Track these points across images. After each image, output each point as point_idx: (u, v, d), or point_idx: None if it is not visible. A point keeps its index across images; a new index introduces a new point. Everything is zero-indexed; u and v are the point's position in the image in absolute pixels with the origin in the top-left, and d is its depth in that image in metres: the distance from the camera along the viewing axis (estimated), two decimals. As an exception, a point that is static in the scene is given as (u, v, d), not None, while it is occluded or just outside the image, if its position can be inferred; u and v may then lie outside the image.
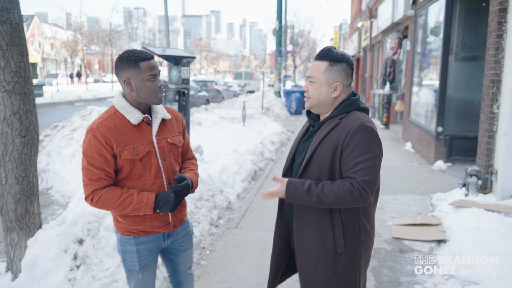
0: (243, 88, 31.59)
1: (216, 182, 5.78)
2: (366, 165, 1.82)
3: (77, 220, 3.58)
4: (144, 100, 2.05)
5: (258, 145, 8.49)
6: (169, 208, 2.07)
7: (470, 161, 7.65)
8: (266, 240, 4.45)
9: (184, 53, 5.06)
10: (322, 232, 1.93)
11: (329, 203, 1.84)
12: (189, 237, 2.38)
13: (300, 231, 1.98)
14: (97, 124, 2.00)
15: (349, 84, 2.00)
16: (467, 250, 3.85)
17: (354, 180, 1.82)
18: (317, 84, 1.95)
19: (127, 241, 2.15)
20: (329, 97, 1.96)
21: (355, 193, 1.80)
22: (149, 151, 2.06)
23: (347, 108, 1.96)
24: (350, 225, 1.93)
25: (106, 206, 2.01)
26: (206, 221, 4.64)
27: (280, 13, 20.59)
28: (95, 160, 1.98)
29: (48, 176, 6.93)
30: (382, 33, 15.79)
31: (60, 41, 43.61)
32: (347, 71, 1.95)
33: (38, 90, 22.23)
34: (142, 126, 2.08)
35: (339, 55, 1.93)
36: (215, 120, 12.92)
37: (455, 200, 5.20)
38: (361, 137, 1.84)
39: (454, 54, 7.74)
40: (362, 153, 1.83)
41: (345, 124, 1.90)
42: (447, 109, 7.82)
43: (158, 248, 2.22)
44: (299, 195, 1.86)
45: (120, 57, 2.01)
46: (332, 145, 1.89)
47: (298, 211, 1.98)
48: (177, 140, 2.21)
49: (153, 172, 2.08)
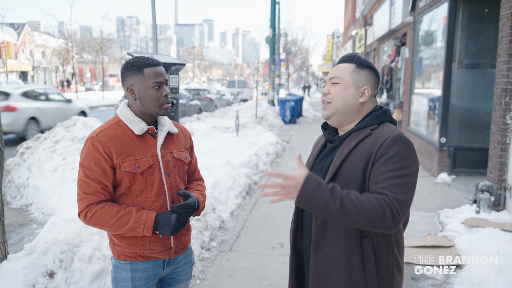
0: (236, 96, 31.21)
1: (208, 199, 5.34)
2: (400, 182, 1.47)
3: (48, 249, 3.14)
4: (148, 110, 1.90)
5: (253, 156, 8.08)
6: (169, 231, 1.84)
7: (476, 173, 7.30)
8: (263, 266, 4.01)
9: (173, 60, 4.65)
10: (350, 268, 1.54)
11: (352, 213, 1.42)
12: (190, 267, 2.13)
13: (319, 267, 1.60)
14: (98, 132, 1.85)
15: (375, 95, 1.73)
16: (489, 279, 3.45)
17: (386, 196, 1.45)
18: (343, 84, 1.66)
19: (122, 266, 1.93)
20: (356, 102, 1.66)
21: (387, 211, 1.42)
22: (152, 165, 1.89)
23: (379, 118, 1.65)
24: (384, 260, 1.57)
25: (100, 224, 1.81)
26: (196, 245, 4.20)
27: (274, 21, 20.30)
28: (92, 171, 1.81)
29: (28, 192, 6.46)
30: (378, 41, 15.51)
31: (51, 49, 43.05)
32: (375, 78, 1.71)
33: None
34: (146, 138, 1.92)
35: (367, 61, 1.70)
36: (207, 130, 12.48)
37: (467, 219, 4.80)
38: (398, 149, 1.52)
39: (458, 62, 7.41)
40: (397, 167, 1.49)
41: (379, 134, 1.58)
42: (450, 118, 7.47)
43: (155, 277, 1.98)
44: (320, 192, 1.42)
45: (125, 64, 1.89)
46: (363, 159, 1.55)
47: (317, 242, 1.59)
48: (184, 156, 2.03)
49: (155, 189, 1.89)
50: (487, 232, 4.33)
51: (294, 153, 10.16)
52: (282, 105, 17.01)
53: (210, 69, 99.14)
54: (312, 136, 13.23)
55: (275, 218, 5.37)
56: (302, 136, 13.31)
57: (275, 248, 4.44)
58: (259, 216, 5.47)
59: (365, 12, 18.41)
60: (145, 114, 1.92)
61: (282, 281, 3.71)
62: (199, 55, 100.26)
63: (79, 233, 3.31)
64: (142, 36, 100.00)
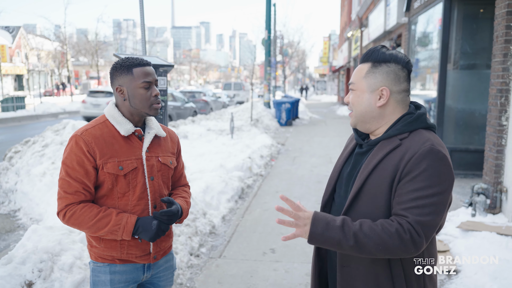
0: (232, 99, 31.09)
1: (198, 203, 5.22)
2: (426, 203, 1.34)
3: (27, 258, 3.01)
4: (138, 111, 1.86)
5: (246, 159, 7.96)
6: (148, 237, 1.80)
7: (472, 175, 7.20)
8: (253, 272, 3.90)
9: (160, 61, 4.54)
10: (378, 285, 1.46)
11: (369, 248, 1.35)
12: (171, 272, 2.08)
13: (346, 284, 1.51)
14: (82, 131, 1.81)
15: (404, 91, 1.52)
16: (485, 285, 3.34)
17: (405, 220, 1.35)
18: (358, 91, 1.53)
19: (100, 269, 1.88)
20: (373, 107, 1.50)
21: (406, 238, 1.32)
22: (136, 168, 1.85)
23: (410, 125, 1.48)
24: (414, 276, 1.46)
25: (79, 225, 1.77)
26: (185, 251, 4.08)
27: (269, 23, 20.22)
28: (74, 170, 1.77)
29: (16, 197, 6.33)
30: (373, 42, 15.46)
31: (46, 52, 42.85)
32: (396, 72, 1.49)
33: (19, 102, 21.51)
34: (132, 140, 1.88)
35: (386, 54, 1.49)
36: (202, 133, 12.37)
37: (463, 222, 4.70)
38: (428, 164, 1.36)
39: (453, 62, 7.33)
40: (425, 186, 1.35)
41: (408, 146, 1.43)
42: (446, 120, 7.38)
43: (135, 281, 1.93)
44: (330, 232, 1.35)
45: (114, 65, 1.86)
46: (390, 173, 1.42)
47: (343, 258, 1.51)
48: (169, 161, 1.98)
49: (137, 192, 1.85)
50: (483, 236, 4.23)
51: (289, 155, 10.06)
52: (278, 107, 16.91)
53: (207, 71, 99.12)
54: (308, 138, 13.14)
55: (268, 222, 5.26)
56: (297, 138, 13.21)
57: (266, 254, 4.32)
58: (251, 220, 5.35)
59: (360, 14, 18.37)
60: (133, 115, 1.88)
61: (272, 289, 3.60)
62: (196, 58, 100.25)
63: (60, 241, 3.19)
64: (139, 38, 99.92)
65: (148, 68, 1.85)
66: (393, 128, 1.49)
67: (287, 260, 4.15)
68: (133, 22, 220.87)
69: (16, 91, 42.04)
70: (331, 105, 31.71)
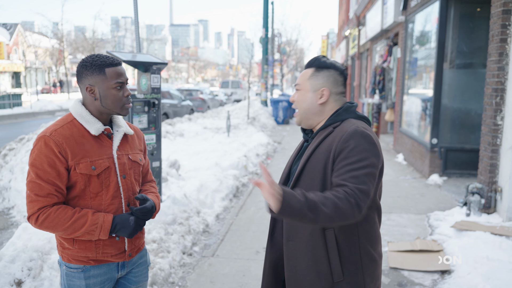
0: (229, 97, 31.05)
1: (192, 202, 5.20)
2: (359, 173, 1.57)
3: (17, 256, 2.99)
4: (109, 111, 1.84)
5: (242, 158, 7.93)
6: (127, 233, 1.79)
7: (467, 174, 7.20)
8: (245, 271, 3.88)
9: (154, 59, 4.51)
10: (315, 257, 1.67)
11: (326, 214, 1.48)
12: (145, 267, 2.06)
13: (291, 256, 1.73)
14: (51, 131, 1.75)
15: (341, 93, 1.80)
16: (477, 285, 3.33)
17: (347, 188, 1.54)
18: (302, 90, 1.80)
19: (74, 274, 1.83)
20: (315, 104, 1.77)
21: (352, 201, 1.50)
22: (108, 167, 1.82)
23: (340, 116, 1.76)
24: (348, 249, 1.66)
25: (53, 228, 1.72)
26: (177, 250, 4.06)
27: (267, 21, 20.17)
28: (45, 172, 1.71)
29: (10, 195, 6.29)
30: (371, 41, 15.43)
31: (44, 49, 42.65)
32: (335, 77, 1.78)
33: (16, 100, 21.42)
34: (102, 139, 1.85)
35: (327, 62, 1.79)
36: (198, 131, 12.34)
37: (457, 222, 4.69)
38: (355, 142, 1.61)
39: (449, 62, 7.31)
40: (355, 160, 1.59)
41: (338, 131, 1.69)
42: (442, 119, 7.36)
43: (111, 280, 1.91)
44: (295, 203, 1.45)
45: (83, 62, 1.80)
46: (324, 155, 1.67)
47: (288, 233, 1.73)
48: (139, 158, 1.98)
49: (111, 191, 1.83)
50: (477, 236, 4.22)
51: (285, 154, 10.03)
52: (275, 106, 16.89)
53: (205, 69, 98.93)
54: (304, 137, 13.11)
55: (262, 221, 5.24)
56: (294, 137, 13.18)
57: (260, 252, 4.31)
58: (246, 219, 5.33)
59: (358, 12, 18.34)
60: (103, 114, 1.85)
61: (264, 288, 3.57)
62: (194, 56, 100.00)
63: (50, 240, 3.16)
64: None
65: (120, 67, 1.83)
66: (328, 119, 1.76)
67: (280, 259, 4.13)
68: (131, 20, 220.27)
69: (13, 88, 41.82)
70: (328, 104, 31.65)
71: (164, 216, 4.46)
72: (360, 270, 1.66)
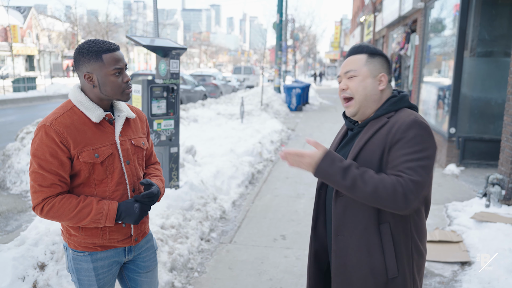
0: (242, 83, 30.92)
1: (209, 188, 5.21)
2: (416, 164, 1.50)
3: (40, 240, 3.02)
4: (108, 97, 1.79)
5: (257, 144, 7.91)
6: (132, 220, 1.79)
7: (485, 165, 7.10)
8: (264, 259, 3.88)
9: (173, 44, 4.47)
10: (369, 252, 1.59)
11: (363, 193, 1.49)
12: (153, 252, 2.06)
13: (340, 252, 1.65)
14: (51, 120, 1.71)
15: (390, 80, 1.72)
16: (499, 278, 3.29)
17: (401, 178, 1.48)
18: (360, 77, 1.67)
19: (81, 258, 1.83)
20: (376, 91, 1.67)
21: (399, 190, 1.45)
22: (112, 153, 1.80)
23: (396, 105, 1.66)
24: (403, 244, 1.60)
25: (59, 217, 1.71)
26: (196, 236, 4.07)
27: (281, 6, 19.94)
28: (47, 162, 1.68)
29: (27, 178, 6.36)
30: (387, 28, 15.19)
31: (57, 33, 42.81)
32: (387, 64, 1.72)
33: (31, 83, 21.58)
34: (104, 125, 1.81)
35: (376, 49, 1.72)
36: (212, 117, 12.33)
37: (476, 213, 4.63)
38: (414, 133, 1.53)
39: (470, 50, 7.15)
40: (413, 150, 1.51)
41: (395, 121, 1.59)
42: (460, 108, 7.24)
43: (118, 263, 1.93)
44: (333, 170, 1.52)
45: (79, 49, 1.74)
46: (380, 147, 1.58)
47: (337, 228, 1.65)
48: (142, 143, 1.95)
49: (115, 178, 1.81)
50: (498, 227, 4.17)
51: (299, 141, 9.99)
52: (288, 92, 16.78)
53: (216, 55, 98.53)
54: (318, 124, 13.04)
55: (278, 208, 5.23)
56: (308, 124, 13.12)
57: (277, 240, 4.31)
58: (262, 206, 5.33)
59: (374, -2, 18.02)
60: (103, 100, 1.81)
61: (283, 276, 3.58)
62: (205, 41, 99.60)
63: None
64: (149, 20, 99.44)
65: (118, 53, 1.77)
66: (381, 108, 1.66)
67: (297, 247, 4.13)
68: (144, 4, 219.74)
69: (27, 71, 42.10)
70: (341, 91, 31.40)
71: (182, 202, 4.47)
72: (411, 265, 1.62)
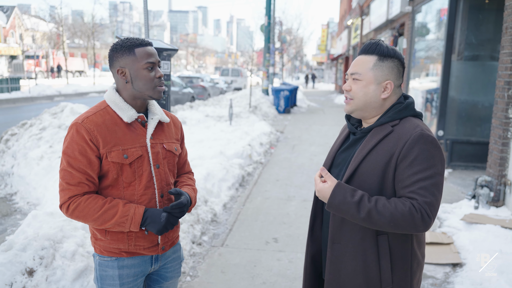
0: (229, 85, 30.85)
1: (200, 190, 5.15)
2: (427, 184, 1.47)
3: (28, 245, 2.94)
4: (141, 94, 1.76)
5: (246, 147, 7.88)
6: (156, 229, 1.71)
7: (472, 167, 7.19)
8: (256, 262, 3.85)
9: (164, 45, 4.43)
10: (365, 262, 1.58)
11: (380, 224, 1.48)
12: (179, 263, 2.00)
13: (335, 259, 1.63)
14: (83, 118, 1.70)
15: (400, 85, 1.65)
16: (491, 279, 3.32)
17: (415, 201, 1.47)
18: (364, 81, 1.60)
19: (107, 264, 1.78)
20: (378, 98, 1.61)
21: (417, 216, 1.45)
22: (141, 156, 1.76)
23: (400, 113, 1.60)
24: (400, 255, 1.58)
25: (84, 217, 1.68)
26: (187, 239, 4.02)
27: (269, 9, 19.95)
28: (76, 160, 1.66)
29: (12, 180, 6.23)
30: (374, 31, 15.32)
31: (42, 33, 42.20)
32: (398, 68, 1.62)
33: (14, 84, 21.20)
34: (136, 127, 1.78)
35: (390, 50, 1.61)
36: (200, 119, 12.26)
37: (466, 215, 4.67)
38: (421, 149, 1.49)
39: (457, 53, 7.24)
40: (422, 168, 1.48)
41: (400, 132, 1.55)
42: (448, 111, 7.32)
43: (143, 274, 1.85)
44: (345, 206, 1.50)
45: (113, 46, 1.76)
46: (384, 158, 1.54)
47: (334, 235, 1.63)
48: (174, 148, 1.89)
49: (143, 181, 1.76)
50: (488, 229, 4.21)
51: (288, 143, 9.99)
52: (277, 95, 16.78)
53: (203, 57, 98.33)
54: (306, 126, 13.07)
55: (269, 211, 5.21)
56: (296, 126, 13.13)
57: (269, 243, 4.28)
58: (253, 209, 5.30)
59: (361, 2, 18.17)
60: (136, 99, 1.78)
61: (276, 279, 3.55)
62: (192, 43, 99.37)
63: (62, 228, 3.11)
64: (135, 21, 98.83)
65: (151, 48, 1.76)
66: (385, 116, 1.61)
67: (290, 250, 4.11)
68: (130, 5, 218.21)
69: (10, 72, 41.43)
70: (328, 94, 31.59)
71: (172, 205, 4.42)
72: (408, 277, 1.61)
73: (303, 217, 4.99)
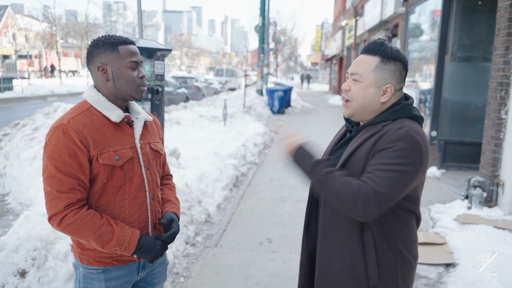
0: (224, 85, 30.85)
1: (193, 191, 5.14)
2: (387, 175, 1.43)
3: (20, 246, 2.91)
4: (123, 93, 1.68)
5: (240, 147, 7.87)
6: (150, 257, 1.68)
7: (465, 167, 7.23)
8: (250, 263, 3.85)
9: (158, 45, 4.41)
10: (352, 258, 1.58)
11: (327, 191, 1.52)
12: (164, 267, 1.95)
13: (325, 256, 1.64)
14: (69, 119, 1.58)
15: (401, 88, 1.62)
16: (484, 279, 3.33)
17: (366, 185, 1.44)
18: (363, 83, 1.56)
19: (93, 276, 1.68)
20: (376, 102, 1.57)
21: (359, 199, 1.42)
22: (132, 157, 1.68)
23: (394, 114, 1.57)
24: (385, 253, 1.57)
25: (79, 234, 1.57)
26: (181, 240, 4.01)
27: (264, 9, 19.96)
28: (65, 165, 1.54)
29: (4, 181, 6.17)
30: (368, 32, 15.37)
31: (35, 33, 41.92)
32: (401, 72, 1.58)
33: (7, 84, 21.04)
34: (123, 127, 1.70)
35: (394, 51, 1.56)
36: (194, 119, 12.24)
37: (459, 215, 4.70)
38: (400, 146, 1.45)
39: (450, 54, 7.28)
40: (390, 162, 1.45)
41: (387, 130, 1.53)
42: (442, 112, 7.36)
43: (130, 283, 1.78)
44: (302, 164, 1.59)
45: (95, 41, 1.66)
46: (366, 153, 1.54)
47: (324, 231, 1.63)
48: (160, 148, 1.86)
49: (134, 184, 1.68)
50: (480, 229, 4.23)
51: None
52: (271, 95, 16.79)
53: (198, 57, 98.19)
54: (301, 127, 13.08)
55: (263, 211, 5.21)
56: (290, 126, 13.14)
57: (263, 243, 4.28)
58: (247, 209, 5.29)
59: (355, 3, 18.23)
60: (117, 98, 1.69)
61: (270, 279, 3.55)
62: (187, 43, 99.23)
63: (54, 229, 3.08)
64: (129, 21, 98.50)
65: (134, 47, 1.70)
66: (379, 116, 1.58)
67: (284, 251, 4.11)
68: (124, 5, 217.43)
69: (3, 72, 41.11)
70: (322, 94, 31.65)
71: (166, 206, 4.40)
72: (395, 274, 1.59)
73: (297, 218, 4.99)
